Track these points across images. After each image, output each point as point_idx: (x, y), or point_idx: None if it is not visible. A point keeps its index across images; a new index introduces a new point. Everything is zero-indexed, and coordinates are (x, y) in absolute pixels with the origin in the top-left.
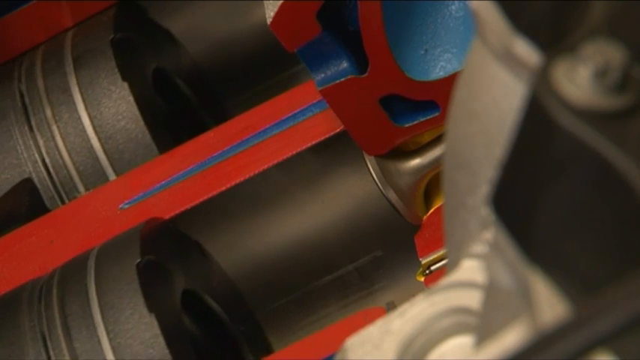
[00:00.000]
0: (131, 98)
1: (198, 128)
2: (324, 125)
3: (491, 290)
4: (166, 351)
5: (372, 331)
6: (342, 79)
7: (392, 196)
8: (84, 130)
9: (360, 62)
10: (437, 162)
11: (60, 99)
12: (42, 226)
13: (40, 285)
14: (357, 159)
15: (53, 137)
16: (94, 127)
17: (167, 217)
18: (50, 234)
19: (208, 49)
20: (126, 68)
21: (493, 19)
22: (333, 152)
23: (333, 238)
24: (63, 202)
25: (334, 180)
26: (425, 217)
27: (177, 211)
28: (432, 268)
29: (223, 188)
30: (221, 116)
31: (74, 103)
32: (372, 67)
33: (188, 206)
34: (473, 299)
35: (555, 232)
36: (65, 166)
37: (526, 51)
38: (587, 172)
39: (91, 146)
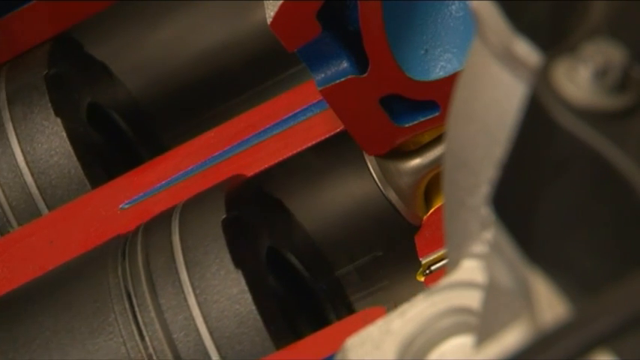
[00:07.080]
0: (64, 134)
1: (134, 162)
2: (324, 125)
3: (491, 290)
4: (253, 307)
5: (372, 331)
6: (342, 79)
7: (392, 196)
8: (17, 166)
9: (360, 62)
10: (437, 162)
11: None
12: (42, 226)
13: (124, 242)
14: (357, 159)
15: None
16: (27, 163)
17: (249, 174)
18: (50, 234)
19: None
20: (59, 103)
21: (493, 19)
22: (333, 152)
23: (333, 238)
24: None
25: (334, 180)
26: (425, 217)
27: (258, 170)
28: (432, 268)
29: None
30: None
31: (7, 139)
32: (372, 67)
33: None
34: (473, 299)
35: (555, 232)
36: None
37: (526, 51)
38: (587, 172)
39: (24, 182)
